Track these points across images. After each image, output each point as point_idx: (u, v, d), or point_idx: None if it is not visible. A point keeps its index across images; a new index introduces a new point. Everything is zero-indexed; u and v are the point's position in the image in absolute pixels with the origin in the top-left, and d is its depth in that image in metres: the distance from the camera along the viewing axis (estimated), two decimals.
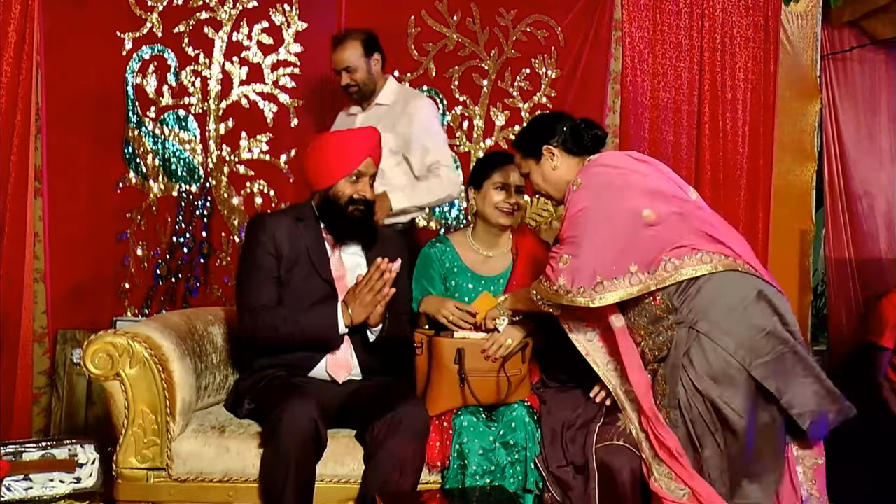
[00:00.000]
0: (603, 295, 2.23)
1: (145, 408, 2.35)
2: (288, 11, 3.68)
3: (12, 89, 3.32)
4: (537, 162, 2.51)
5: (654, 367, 2.29)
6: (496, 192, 2.71)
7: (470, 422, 2.41)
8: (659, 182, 2.36)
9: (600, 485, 2.31)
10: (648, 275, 2.23)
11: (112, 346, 2.33)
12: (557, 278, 2.28)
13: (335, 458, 2.38)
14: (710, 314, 2.20)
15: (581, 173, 2.39)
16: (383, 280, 2.42)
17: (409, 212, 3.13)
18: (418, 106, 3.20)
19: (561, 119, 2.55)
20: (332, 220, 2.60)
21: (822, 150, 4.27)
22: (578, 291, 2.24)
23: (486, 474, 2.35)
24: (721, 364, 2.17)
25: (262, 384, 2.49)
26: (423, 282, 2.75)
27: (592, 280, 2.24)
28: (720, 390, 2.16)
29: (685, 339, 2.22)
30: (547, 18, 3.97)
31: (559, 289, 2.27)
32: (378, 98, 3.23)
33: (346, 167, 2.56)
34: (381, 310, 2.47)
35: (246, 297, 2.52)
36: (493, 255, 2.79)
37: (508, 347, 2.46)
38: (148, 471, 2.36)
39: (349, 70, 3.16)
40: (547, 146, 2.49)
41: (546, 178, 2.51)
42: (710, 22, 4.10)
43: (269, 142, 3.67)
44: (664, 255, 2.23)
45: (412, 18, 3.81)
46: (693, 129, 4.10)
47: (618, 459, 2.28)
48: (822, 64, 4.25)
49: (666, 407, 2.22)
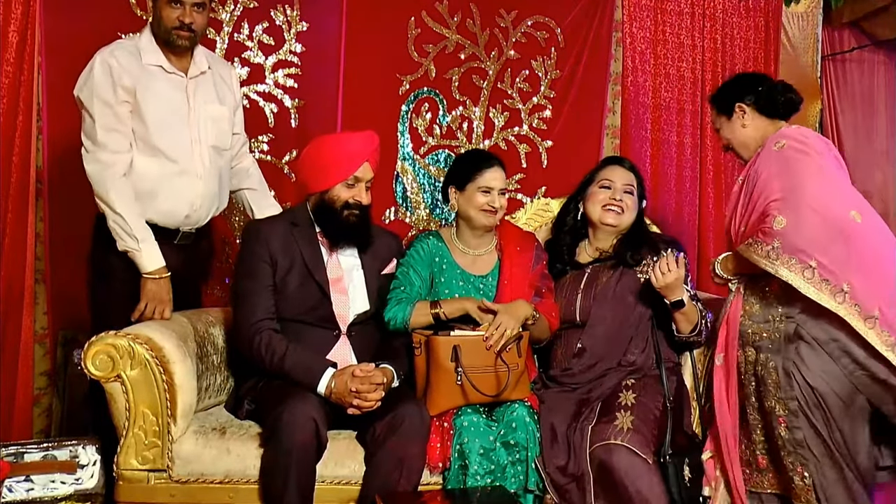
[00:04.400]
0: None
1: (146, 409, 2.36)
2: (289, 12, 3.68)
3: (13, 90, 3.32)
4: (728, 118, 2.61)
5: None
6: (481, 195, 2.69)
7: (470, 422, 2.41)
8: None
9: (598, 485, 2.32)
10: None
11: (113, 348, 2.34)
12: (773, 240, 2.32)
13: (335, 458, 2.39)
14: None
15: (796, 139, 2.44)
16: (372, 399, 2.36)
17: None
18: (233, 74, 3.01)
19: (760, 79, 2.65)
20: (327, 224, 2.59)
21: None
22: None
23: (487, 474, 2.36)
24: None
25: (262, 385, 2.50)
26: (417, 267, 2.71)
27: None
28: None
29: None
30: (547, 19, 3.96)
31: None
32: (197, 61, 2.79)
33: (343, 172, 2.56)
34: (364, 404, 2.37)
35: (242, 310, 2.53)
36: (480, 254, 2.78)
37: (507, 337, 2.46)
38: (149, 472, 2.37)
39: (201, 8, 2.67)
40: (740, 104, 2.58)
41: (734, 135, 2.61)
42: (711, 22, 4.10)
43: (269, 142, 3.66)
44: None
45: (412, 20, 3.80)
46: (696, 129, 4.10)
47: (616, 458, 2.29)
48: (822, 65, 4.25)
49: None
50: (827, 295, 2.26)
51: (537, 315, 2.58)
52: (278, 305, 2.54)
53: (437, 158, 3.87)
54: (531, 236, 2.87)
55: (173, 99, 2.71)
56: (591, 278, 2.76)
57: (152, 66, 2.69)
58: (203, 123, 2.75)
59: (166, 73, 2.71)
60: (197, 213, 2.78)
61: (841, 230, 2.30)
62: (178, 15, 2.64)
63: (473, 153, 3.00)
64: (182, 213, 2.73)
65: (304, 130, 3.66)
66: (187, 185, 2.72)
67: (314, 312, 2.56)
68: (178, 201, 2.72)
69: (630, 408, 2.45)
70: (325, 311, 2.56)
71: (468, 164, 2.77)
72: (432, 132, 3.86)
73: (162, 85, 2.69)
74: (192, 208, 2.75)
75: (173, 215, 2.72)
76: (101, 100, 2.60)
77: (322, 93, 3.71)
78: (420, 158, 3.85)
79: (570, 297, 2.75)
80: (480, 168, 2.71)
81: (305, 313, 2.56)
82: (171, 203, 2.70)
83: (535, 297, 2.69)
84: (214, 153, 2.80)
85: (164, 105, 2.68)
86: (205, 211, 2.81)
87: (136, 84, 2.63)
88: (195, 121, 2.74)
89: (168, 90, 2.70)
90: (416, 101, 3.83)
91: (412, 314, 2.59)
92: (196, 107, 2.75)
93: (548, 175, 3.96)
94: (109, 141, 2.62)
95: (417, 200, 3.84)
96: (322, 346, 2.54)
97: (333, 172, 2.56)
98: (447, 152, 3.87)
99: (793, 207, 2.30)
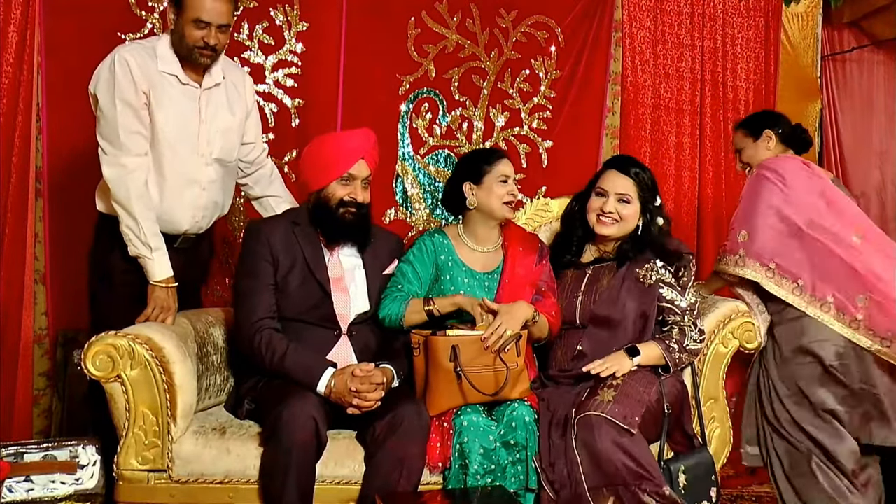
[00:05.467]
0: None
1: (146, 409, 2.36)
2: (289, 12, 3.68)
3: (13, 90, 3.32)
4: (755, 140, 3.15)
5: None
6: (501, 185, 2.70)
7: (470, 421, 2.41)
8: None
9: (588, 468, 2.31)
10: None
11: (113, 348, 2.34)
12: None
13: (335, 458, 2.39)
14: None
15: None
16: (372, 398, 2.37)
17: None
18: (247, 82, 2.95)
19: (783, 117, 3.23)
20: (324, 222, 2.59)
21: (822, 150, 4.27)
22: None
23: (487, 474, 2.36)
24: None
25: (262, 385, 2.50)
26: (417, 265, 2.71)
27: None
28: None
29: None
30: (547, 19, 3.96)
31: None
32: (212, 72, 2.75)
33: (337, 169, 2.56)
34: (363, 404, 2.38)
35: (244, 309, 2.53)
36: (486, 251, 2.78)
37: (506, 339, 2.46)
38: (149, 472, 2.37)
39: (225, 29, 2.66)
40: (768, 130, 3.13)
41: (756, 155, 3.13)
42: (711, 22, 4.10)
43: (270, 142, 3.65)
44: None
45: (412, 20, 3.80)
46: (695, 129, 4.11)
47: (597, 433, 2.30)
48: (822, 65, 4.25)
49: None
50: (786, 290, 2.84)
51: (537, 317, 2.58)
52: (279, 304, 2.54)
53: (437, 158, 3.87)
54: (535, 237, 2.87)
55: (185, 109, 2.67)
56: (591, 279, 2.75)
57: (168, 73, 2.65)
58: (212, 136, 2.73)
59: (181, 84, 2.68)
60: (199, 223, 2.78)
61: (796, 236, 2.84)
62: (203, 35, 2.60)
63: (480, 150, 3.05)
64: (184, 223, 2.73)
65: (305, 130, 3.66)
66: (190, 196, 2.71)
67: (315, 312, 2.56)
68: (180, 211, 2.71)
69: (615, 387, 2.46)
70: (326, 311, 2.56)
71: (479, 158, 2.78)
72: (432, 132, 3.86)
73: (175, 93, 2.66)
74: (193, 220, 2.75)
75: (175, 224, 2.71)
76: (124, 100, 2.56)
77: (322, 93, 3.71)
78: (420, 158, 3.85)
79: (570, 298, 2.74)
80: (492, 160, 2.73)
81: (306, 312, 2.56)
82: (173, 213, 2.69)
83: (535, 296, 2.69)
84: (219, 165, 2.79)
85: (176, 115, 2.65)
86: (206, 220, 2.82)
87: (151, 88, 2.60)
88: (204, 133, 2.72)
89: (181, 100, 2.67)
90: (415, 101, 3.83)
91: (406, 311, 2.60)
92: (207, 119, 2.72)
93: (548, 175, 3.97)
94: (132, 144, 2.58)
95: (418, 200, 3.84)
96: (323, 345, 2.54)
97: (328, 170, 2.57)
98: (447, 152, 3.87)
99: (750, 223, 2.88)
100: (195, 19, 2.58)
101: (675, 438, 2.57)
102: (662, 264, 2.67)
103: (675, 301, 2.64)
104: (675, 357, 2.57)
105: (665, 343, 2.58)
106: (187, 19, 2.59)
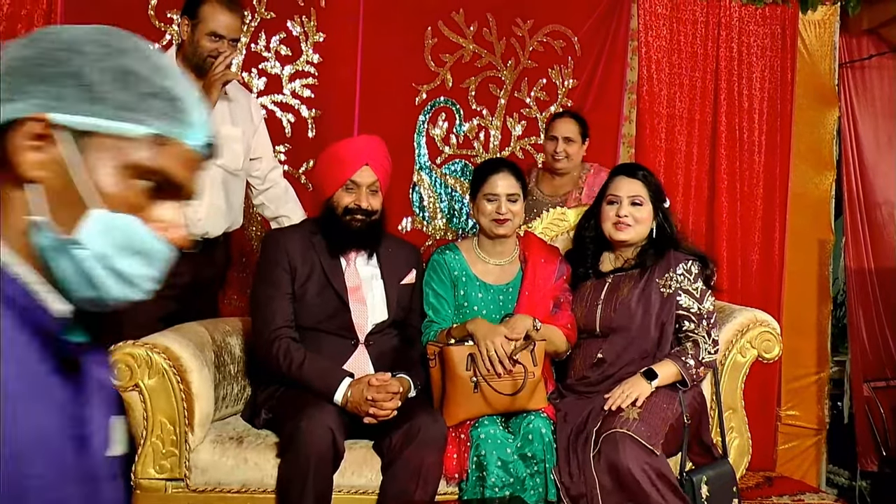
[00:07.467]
0: None
1: (164, 418, 2.37)
2: (306, 22, 3.70)
3: None
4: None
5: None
6: (487, 203, 2.69)
7: (488, 434, 2.40)
8: None
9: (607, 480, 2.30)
10: None
11: (131, 357, 2.35)
12: None
13: (353, 468, 2.38)
14: None
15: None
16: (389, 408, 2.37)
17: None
18: (252, 102, 3.07)
19: None
20: (330, 229, 2.59)
21: (841, 158, 4.23)
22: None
23: (505, 486, 2.35)
24: None
25: (279, 395, 2.50)
26: (436, 286, 2.72)
27: None
28: None
29: None
30: (564, 28, 3.96)
31: None
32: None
33: (341, 176, 2.55)
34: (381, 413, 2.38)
35: (261, 317, 2.54)
36: (501, 264, 2.77)
37: (495, 357, 2.46)
38: (166, 481, 2.38)
39: (235, 43, 2.81)
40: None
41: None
42: (727, 31, 4.08)
43: (287, 152, 3.67)
44: None
45: (429, 29, 3.81)
46: (709, 138, 4.08)
47: (622, 452, 2.29)
48: (840, 72, 4.22)
49: None
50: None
51: (539, 324, 2.58)
52: (297, 313, 2.54)
53: (454, 168, 3.87)
54: (556, 250, 2.87)
55: None
56: (612, 288, 2.73)
57: None
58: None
59: None
60: (201, 223, 2.80)
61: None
62: (216, 47, 2.72)
63: (485, 162, 2.99)
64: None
65: (321, 140, 3.66)
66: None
67: (332, 321, 2.56)
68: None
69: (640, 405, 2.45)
70: (343, 320, 2.56)
71: (477, 173, 2.78)
72: (449, 142, 3.87)
73: None
74: (195, 215, 2.77)
75: None
76: None
77: (339, 103, 3.72)
78: (437, 168, 3.85)
79: (590, 306, 2.72)
80: (486, 176, 2.71)
81: (324, 322, 2.56)
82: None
83: (553, 308, 2.68)
84: (222, 170, 2.82)
85: None
86: (210, 223, 2.83)
87: None
88: None
89: None
90: (432, 110, 3.84)
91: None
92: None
93: None
94: None
95: (434, 210, 3.85)
96: (340, 354, 2.54)
97: (333, 178, 2.57)
98: (464, 162, 3.88)
99: None
100: (210, 32, 2.70)
101: (693, 450, 2.55)
102: (682, 272, 2.65)
103: (692, 308, 2.63)
104: (692, 373, 2.56)
105: (681, 360, 2.57)
106: (202, 32, 2.71)
